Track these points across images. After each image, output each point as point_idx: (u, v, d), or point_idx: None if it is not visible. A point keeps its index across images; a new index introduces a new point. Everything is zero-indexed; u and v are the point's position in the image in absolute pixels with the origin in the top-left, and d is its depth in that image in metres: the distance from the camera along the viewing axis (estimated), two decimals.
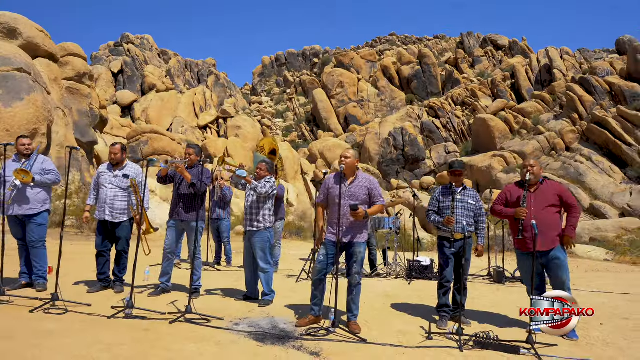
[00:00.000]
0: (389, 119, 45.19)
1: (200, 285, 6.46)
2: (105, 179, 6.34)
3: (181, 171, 6.06)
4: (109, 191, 6.27)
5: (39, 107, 16.87)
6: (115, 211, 6.26)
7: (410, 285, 7.94)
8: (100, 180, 6.36)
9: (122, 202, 6.30)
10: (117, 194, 6.29)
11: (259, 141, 9.03)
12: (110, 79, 54.90)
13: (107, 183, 6.31)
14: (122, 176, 6.36)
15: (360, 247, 5.01)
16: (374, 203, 5.11)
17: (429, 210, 5.75)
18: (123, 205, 6.30)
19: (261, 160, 6.31)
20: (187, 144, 6.78)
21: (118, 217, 6.27)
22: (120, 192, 6.31)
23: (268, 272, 6.07)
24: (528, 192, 5.24)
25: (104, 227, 6.31)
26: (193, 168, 6.31)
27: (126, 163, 6.48)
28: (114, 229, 6.31)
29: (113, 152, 6.37)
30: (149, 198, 6.56)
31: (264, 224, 6.06)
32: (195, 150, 6.44)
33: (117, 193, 6.29)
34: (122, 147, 6.45)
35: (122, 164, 6.42)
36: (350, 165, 5.09)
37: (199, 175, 6.23)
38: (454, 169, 5.65)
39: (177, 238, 6.32)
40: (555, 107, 37.85)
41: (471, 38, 64.83)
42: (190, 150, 6.41)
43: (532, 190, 5.25)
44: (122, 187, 6.32)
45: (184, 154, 6.46)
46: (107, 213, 6.24)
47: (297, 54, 76.63)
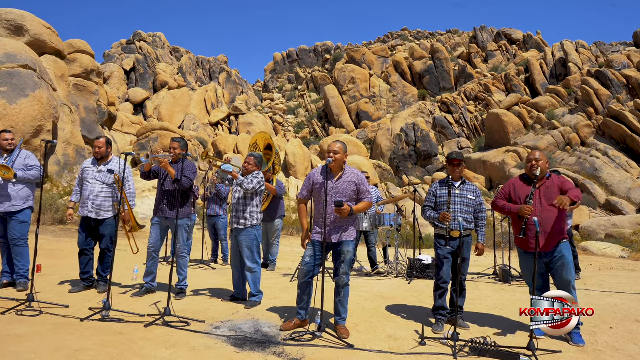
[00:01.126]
0: (401, 115, 44.68)
1: (186, 285, 6.16)
2: (89, 174, 6.08)
3: (165, 166, 5.75)
4: (93, 187, 6.01)
5: (44, 103, 16.78)
6: (98, 208, 6.00)
7: (409, 285, 7.57)
8: (84, 176, 6.10)
9: (106, 199, 6.03)
10: (101, 189, 6.03)
11: (252, 139, 8.65)
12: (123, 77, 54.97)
13: (90, 178, 6.05)
14: (107, 171, 6.10)
15: (348, 246, 4.69)
16: (361, 200, 4.80)
17: (425, 205, 5.40)
18: (107, 201, 6.03)
19: (249, 154, 5.95)
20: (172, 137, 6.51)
21: (102, 213, 6.01)
22: (105, 188, 6.05)
23: (256, 272, 5.76)
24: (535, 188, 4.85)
25: (87, 224, 6.05)
26: (178, 163, 6.02)
27: (111, 158, 6.22)
28: (97, 226, 6.04)
29: (97, 146, 6.09)
30: (134, 194, 6.29)
31: (250, 221, 5.76)
32: (181, 143, 6.12)
33: (100, 189, 6.03)
34: (106, 140, 6.17)
35: (107, 158, 6.16)
36: (339, 162, 4.76)
37: (183, 171, 5.98)
38: (451, 159, 5.28)
39: (161, 236, 6.04)
40: (571, 101, 37.06)
41: (484, 32, 63.81)
42: (174, 144, 6.09)
43: (538, 186, 4.85)
44: (106, 183, 6.06)
45: (169, 147, 6.15)
46: (90, 209, 5.98)
47: (308, 50, 76.20)
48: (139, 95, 51.68)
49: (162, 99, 51.24)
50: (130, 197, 6.19)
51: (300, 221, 5.02)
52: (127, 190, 6.14)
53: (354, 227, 4.84)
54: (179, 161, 6.01)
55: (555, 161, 30.93)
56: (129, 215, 6.16)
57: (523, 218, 4.73)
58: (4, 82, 16.38)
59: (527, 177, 4.98)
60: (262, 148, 8.37)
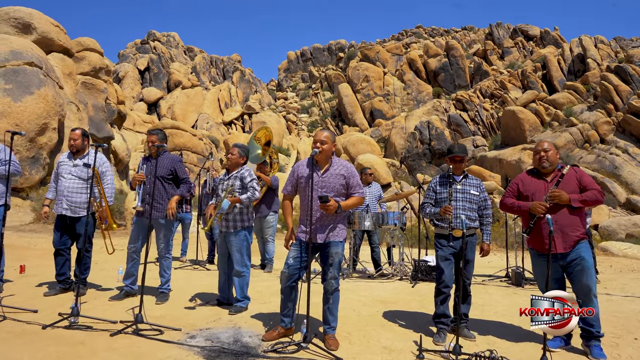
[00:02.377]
0: (415, 113, 44.04)
1: (168, 288, 5.74)
2: (64, 169, 5.65)
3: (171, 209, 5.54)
4: (67, 182, 5.57)
5: (49, 101, 16.55)
6: (74, 204, 5.56)
7: (413, 288, 7.03)
8: (59, 171, 5.68)
9: (82, 195, 5.59)
10: (77, 185, 5.59)
11: (257, 131, 8.40)
12: (137, 77, 55.11)
13: (65, 173, 5.61)
14: (83, 165, 5.64)
15: (336, 247, 4.21)
16: (351, 195, 4.31)
17: (424, 202, 4.92)
18: (83, 198, 5.59)
19: (234, 145, 5.50)
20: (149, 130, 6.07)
21: (77, 211, 5.57)
22: (80, 184, 5.60)
23: (244, 276, 5.30)
24: (545, 181, 4.33)
25: (62, 223, 5.63)
26: (160, 157, 5.59)
27: (88, 151, 5.77)
28: (73, 225, 5.62)
29: (72, 138, 5.64)
30: (113, 190, 5.86)
31: (241, 223, 5.32)
32: (158, 135, 5.67)
33: (76, 184, 5.59)
34: (82, 132, 5.72)
35: (83, 151, 5.72)
36: (327, 152, 4.29)
37: (170, 167, 5.63)
38: (453, 155, 4.76)
39: (142, 236, 5.59)
40: (589, 97, 36.13)
41: (500, 29, 62.79)
42: (152, 137, 5.64)
43: (549, 180, 4.32)
44: (82, 178, 5.61)
45: (147, 141, 5.72)
46: (64, 207, 5.55)
47: (322, 48, 75.76)
48: (152, 94, 51.75)
49: (175, 98, 51.25)
50: (109, 193, 5.75)
51: (285, 219, 4.54)
52: (105, 186, 5.72)
53: (344, 226, 4.36)
54: (158, 154, 5.59)
55: (573, 159, 30.09)
56: (106, 213, 5.70)
57: (534, 216, 4.21)
58: (9, 80, 16.19)
59: (537, 171, 4.46)
60: (262, 142, 8.15)
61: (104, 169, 5.73)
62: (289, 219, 4.48)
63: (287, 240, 4.40)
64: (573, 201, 4.09)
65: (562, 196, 4.08)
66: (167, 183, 5.67)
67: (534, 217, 4.22)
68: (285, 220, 4.51)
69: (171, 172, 5.67)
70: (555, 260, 4.14)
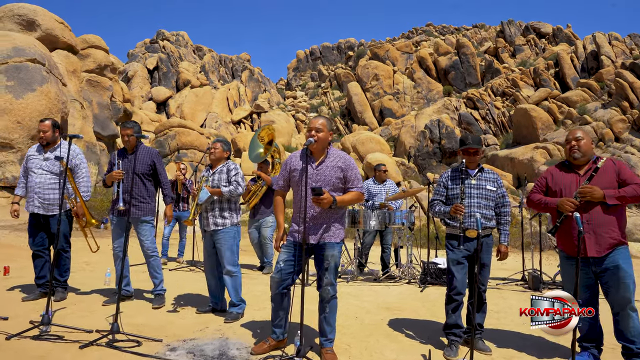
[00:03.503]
0: (425, 111, 43.42)
1: (163, 290, 5.35)
2: (33, 163, 5.22)
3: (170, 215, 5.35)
4: (38, 177, 5.15)
5: (51, 98, 16.20)
6: (46, 202, 5.15)
7: (422, 292, 6.53)
8: (29, 165, 5.26)
9: (55, 191, 5.17)
10: (48, 180, 5.18)
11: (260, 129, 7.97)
12: (146, 76, 54.99)
13: (36, 168, 5.19)
14: (55, 159, 5.22)
15: (332, 249, 3.74)
16: (349, 189, 3.84)
17: (433, 199, 4.41)
18: (56, 194, 5.17)
19: (215, 140, 5.16)
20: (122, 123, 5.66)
21: (51, 208, 5.17)
22: (53, 179, 5.19)
23: (236, 276, 4.89)
24: (577, 175, 3.80)
25: (36, 221, 5.22)
26: (137, 151, 5.19)
27: (60, 142, 5.35)
28: (47, 223, 5.21)
29: (42, 129, 5.21)
30: (89, 184, 5.42)
31: (230, 219, 4.94)
32: (134, 128, 5.25)
33: (48, 180, 5.17)
34: (53, 123, 5.32)
35: (54, 144, 5.30)
36: (323, 141, 3.84)
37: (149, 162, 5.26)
38: (467, 146, 4.23)
39: (125, 234, 5.16)
40: (603, 95, 35.33)
41: (512, 26, 61.95)
42: (127, 131, 5.21)
43: (582, 173, 3.79)
44: (54, 172, 5.20)
45: (121, 135, 5.30)
46: (36, 204, 5.14)
47: (331, 47, 75.34)
48: (161, 93, 51.62)
49: (184, 97, 51.06)
50: (84, 188, 5.34)
51: (276, 218, 4.09)
52: (80, 180, 5.30)
53: (341, 225, 3.89)
54: (136, 148, 5.18)
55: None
56: (82, 209, 5.26)
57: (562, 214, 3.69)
58: (11, 77, 15.88)
59: (568, 163, 3.94)
60: (265, 141, 7.73)
61: (77, 162, 5.29)
62: (281, 216, 4.02)
63: (277, 240, 3.91)
64: (608, 198, 3.54)
65: (594, 192, 3.56)
66: (147, 180, 5.27)
67: (562, 215, 3.70)
68: (276, 218, 4.07)
69: (151, 168, 5.27)
70: (587, 265, 3.62)
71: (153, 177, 5.32)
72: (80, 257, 7.54)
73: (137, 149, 5.17)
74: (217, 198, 4.91)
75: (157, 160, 5.32)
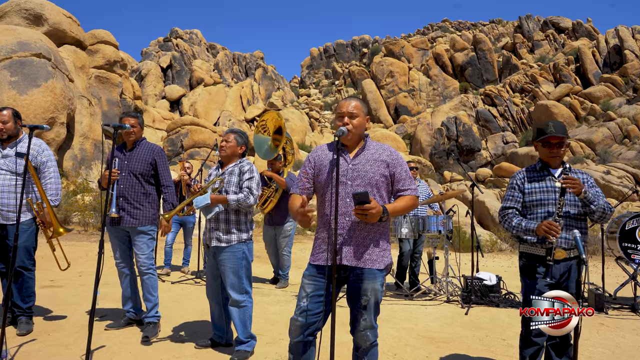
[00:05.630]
0: (442, 109, 42.63)
1: (158, 316, 4.54)
2: None
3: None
4: None
5: (57, 94, 15.77)
6: (5, 207, 4.28)
7: (467, 315, 5.67)
8: None
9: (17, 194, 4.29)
10: (8, 182, 4.27)
11: (260, 118, 6.59)
12: (160, 74, 54.83)
13: None
14: (15, 155, 4.33)
15: (374, 279, 2.74)
16: (399, 194, 2.89)
17: (505, 207, 3.45)
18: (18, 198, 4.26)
19: (228, 130, 4.21)
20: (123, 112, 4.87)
21: (10, 216, 4.28)
22: (13, 180, 4.28)
23: (245, 307, 3.98)
24: None
25: None
26: (136, 147, 4.49)
27: (22, 136, 4.48)
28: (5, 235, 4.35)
29: (0, 120, 4.29)
30: (59, 186, 4.51)
31: (238, 235, 3.97)
32: (138, 119, 4.54)
33: (7, 181, 4.28)
34: (13, 112, 4.40)
35: (15, 138, 4.42)
36: (359, 130, 2.89)
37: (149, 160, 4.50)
38: (547, 136, 3.27)
39: (126, 246, 4.54)
40: (628, 90, 34.27)
41: (530, 21, 60.77)
42: (131, 120, 4.46)
43: None
44: (15, 172, 4.30)
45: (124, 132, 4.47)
46: None
47: (345, 44, 74.73)
48: (175, 92, 51.41)
49: (197, 95, 50.77)
50: (52, 191, 4.44)
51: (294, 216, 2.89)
52: (47, 181, 4.45)
53: (388, 243, 2.88)
54: (136, 144, 4.47)
55: (612, 155, 28.42)
56: (49, 216, 4.33)
57: None
58: (15, 72, 15.48)
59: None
60: (271, 132, 6.54)
61: (43, 159, 4.42)
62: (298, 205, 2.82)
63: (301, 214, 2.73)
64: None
65: None
66: (147, 182, 4.51)
67: None
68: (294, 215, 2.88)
69: (152, 167, 4.52)
70: None
71: (155, 179, 4.59)
72: (73, 267, 6.53)
73: (137, 144, 4.49)
74: (223, 207, 3.97)
75: (160, 158, 4.57)
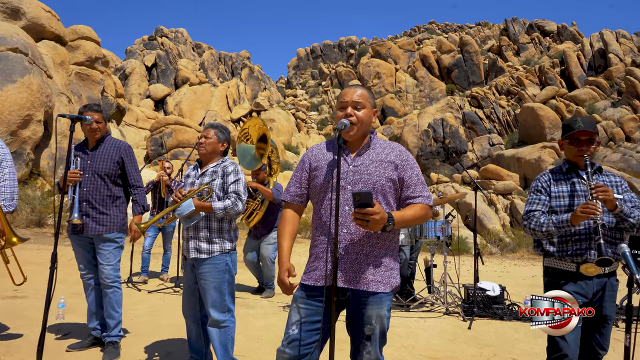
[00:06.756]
0: (428, 110, 42.57)
1: (119, 335, 4.08)
2: None
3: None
4: None
5: (34, 90, 15.22)
6: None
7: (470, 330, 5.31)
8: None
9: None
10: None
11: (242, 126, 6.03)
12: (144, 73, 54.16)
13: None
14: None
15: (381, 304, 2.33)
16: (409, 201, 2.45)
17: (531, 211, 2.98)
18: None
19: (208, 125, 3.74)
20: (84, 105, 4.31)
21: None
22: None
23: (226, 328, 3.48)
24: None
25: None
26: (101, 145, 4.07)
27: None
28: None
29: None
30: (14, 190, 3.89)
31: (221, 244, 3.51)
32: (102, 113, 4.07)
33: None
34: None
35: None
36: (365, 124, 2.47)
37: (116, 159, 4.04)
38: (575, 131, 2.88)
39: (91, 255, 4.11)
40: (613, 93, 34.46)
41: (516, 24, 61.07)
42: (95, 115, 3.97)
43: None
44: None
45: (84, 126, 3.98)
46: None
47: (332, 45, 74.56)
48: (159, 91, 50.81)
49: (183, 95, 50.22)
50: (6, 195, 3.84)
51: (279, 243, 2.56)
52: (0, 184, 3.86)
53: (396, 261, 2.48)
54: (100, 141, 4.05)
55: (597, 158, 28.50)
56: (2, 223, 3.74)
57: None
58: None
59: None
60: (255, 140, 6.20)
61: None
62: (286, 241, 2.53)
63: (282, 282, 2.45)
64: None
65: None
66: (114, 183, 4.07)
67: None
68: (279, 244, 2.55)
69: (118, 166, 4.08)
70: None
71: (122, 179, 4.15)
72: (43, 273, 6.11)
73: (101, 141, 4.06)
74: (205, 214, 3.51)
75: (127, 156, 4.12)
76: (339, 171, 2.24)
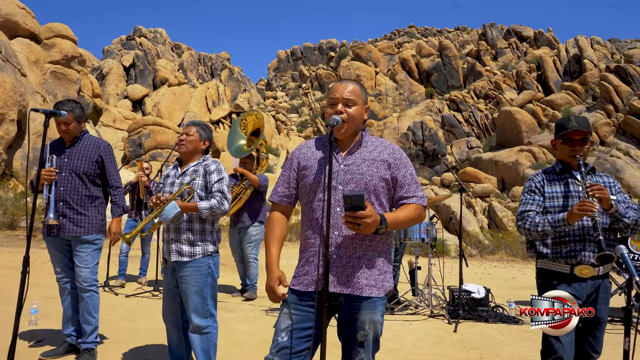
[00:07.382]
0: (408, 113, 42.86)
1: (97, 342, 3.95)
2: None
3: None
4: None
5: (7, 89, 14.88)
6: None
7: (456, 332, 5.27)
8: None
9: None
10: None
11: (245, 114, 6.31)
12: (122, 73, 53.49)
13: None
14: None
15: (374, 309, 2.25)
16: (402, 202, 2.37)
17: (525, 211, 2.95)
18: None
19: (190, 122, 3.61)
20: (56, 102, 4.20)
21: None
22: None
23: (208, 334, 3.37)
24: None
25: None
26: (78, 143, 3.95)
27: None
28: None
29: None
30: None
31: (203, 246, 3.39)
32: (75, 112, 3.91)
33: None
34: None
35: None
36: (356, 121, 2.36)
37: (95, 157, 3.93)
38: (569, 130, 2.86)
39: (67, 258, 3.97)
40: (588, 98, 35.06)
41: (494, 29, 61.91)
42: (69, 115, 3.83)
43: None
44: None
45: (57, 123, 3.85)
46: None
47: (313, 47, 74.66)
48: (137, 91, 50.22)
49: (161, 95, 49.73)
50: None
51: (267, 247, 2.42)
52: None
53: (389, 265, 2.37)
54: (77, 139, 3.92)
55: None
56: None
57: None
58: None
59: None
60: (249, 131, 6.30)
61: None
62: (275, 246, 2.39)
63: (272, 291, 2.29)
64: None
65: None
66: (92, 183, 3.96)
67: None
68: (267, 249, 2.41)
69: (97, 165, 3.97)
70: None
71: (101, 179, 4.04)
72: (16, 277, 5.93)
73: (78, 139, 3.95)
74: (187, 215, 3.38)
75: (107, 155, 4.01)
76: (330, 169, 2.15)
